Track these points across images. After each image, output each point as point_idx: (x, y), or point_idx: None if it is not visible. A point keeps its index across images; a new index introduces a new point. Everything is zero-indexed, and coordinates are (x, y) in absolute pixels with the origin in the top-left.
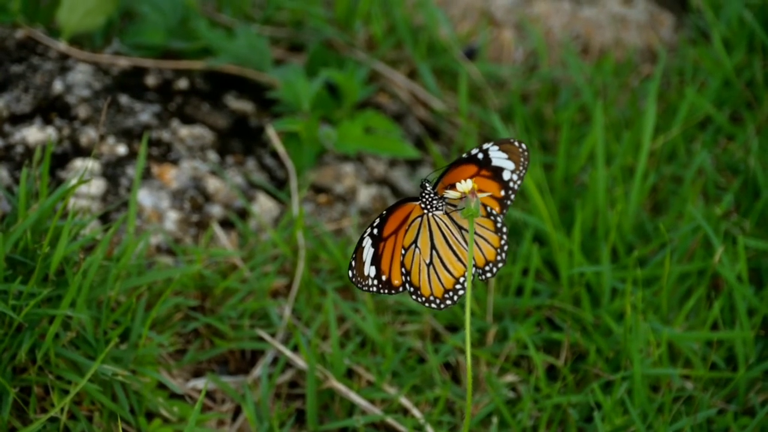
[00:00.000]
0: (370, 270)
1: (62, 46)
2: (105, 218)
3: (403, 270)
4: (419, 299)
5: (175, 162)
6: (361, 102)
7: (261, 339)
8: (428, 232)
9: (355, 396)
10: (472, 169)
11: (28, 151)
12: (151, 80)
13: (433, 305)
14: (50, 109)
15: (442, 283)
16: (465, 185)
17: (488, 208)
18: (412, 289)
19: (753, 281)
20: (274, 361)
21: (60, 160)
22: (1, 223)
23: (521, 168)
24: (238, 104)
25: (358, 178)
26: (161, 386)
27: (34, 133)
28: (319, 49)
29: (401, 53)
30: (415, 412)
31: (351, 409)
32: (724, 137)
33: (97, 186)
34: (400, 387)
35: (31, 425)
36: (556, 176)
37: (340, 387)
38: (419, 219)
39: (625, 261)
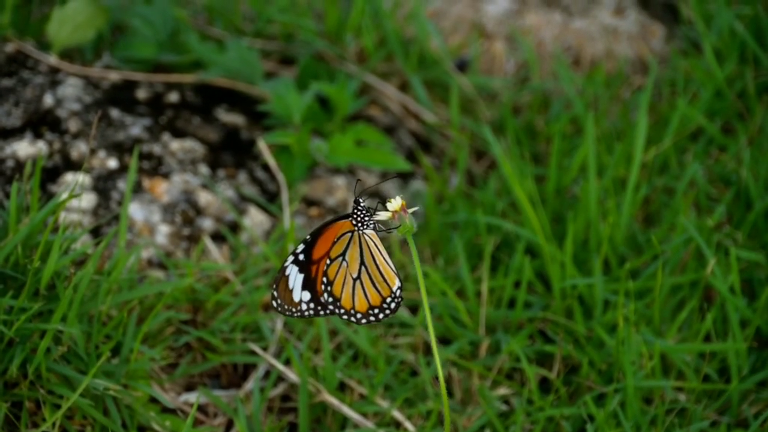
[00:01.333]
0: (302, 295)
1: (53, 59)
2: (96, 232)
3: (324, 279)
4: (338, 311)
5: (166, 175)
6: (353, 115)
7: (253, 353)
8: (358, 248)
9: (348, 409)
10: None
11: (19, 165)
12: (141, 94)
13: (352, 319)
14: (41, 123)
15: (368, 299)
16: (395, 203)
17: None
18: (331, 299)
19: (745, 292)
20: (266, 374)
21: (51, 174)
22: None
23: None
24: (229, 117)
25: (349, 190)
26: (153, 400)
27: (24, 147)
28: (310, 62)
29: (392, 66)
30: (408, 425)
31: (343, 422)
32: (715, 148)
33: (87, 200)
34: (393, 400)
35: None
36: (547, 188)
37: (333, 400)
38: (349, 234)
39: (617, 273)
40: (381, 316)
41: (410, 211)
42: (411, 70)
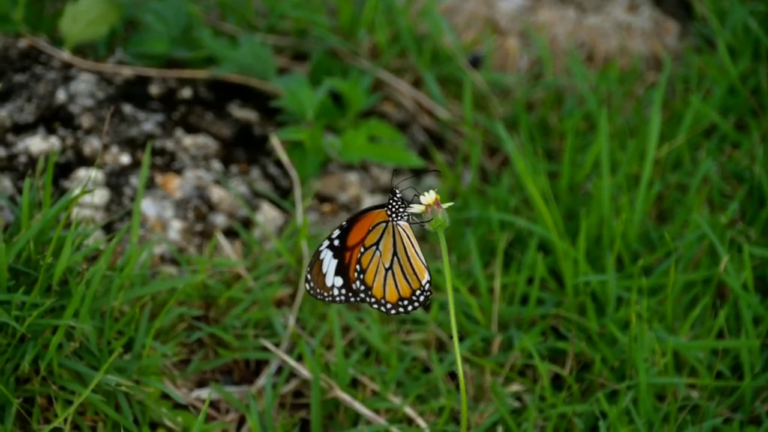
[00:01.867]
0: (334, 280)
1: (65, 55)
2: (108, 228)
3: (357, 267)
4: (368, 299)
5: (178, 171)
6: (366, 111)
7: (265, 349)
8: (392, 239)
9: (360, 406)
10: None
11: (32, 160)
12: (154, 89)
13: (382, 308)
14: (53, 118)
15: (398, 290)
16: (428, 197)
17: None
18: (363, 287)
19: (759, 289)
20: (279, 370)
21: (63, 170)
22: (4, 233)
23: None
24: (242, 113)
25: (362, 187)
26: (165, 396)
27: (37, 143)
28: (323, 58)
29: (405, 62)
30: (420, 422)
31: (356, 418)
32: (729, 145)
33: (100, 196)
34: (405, 396)
35: None
36: (560, 185)
37: (345, 397)
38: (383, 224)
39: (630, 270)
40: (410, 308)
41: (445, 206)
42: (424, 66)
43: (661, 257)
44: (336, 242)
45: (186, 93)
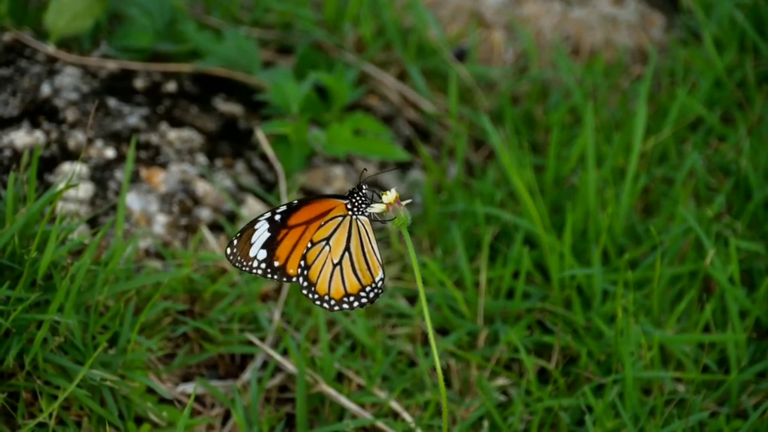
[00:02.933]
0: (258, 253)
1: (50, 49)
2: (93, 222)
3: (302, 263)
4: (311, 296)
5: (163, 165)
6: (351, 104)
7: (250, 343)
8: (346, 234)
9: (345, 400)
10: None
11: (16, 154)
12: (139, 83)
13: (324, 305)
14: (38, 112)
15: (345, 287)
16: (389, 196)
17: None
18: (305, 284)
19: (745, 283)
20: (264, 365)
21: (48, 164)
22: None
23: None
24: (227, 107)
25: (347, 180)
26: (150, 391)
27: (21, 137)
28: (308, 51)
29: (391, 55)
30: (406, 416)
31: (341, 413)
32: (715, 138)
33: (85, 190)
34: (391, 391)
35: (19, 431)
36: (546, 178)
37: (330, 391)
38: (340, 218)
39: (616, 263)
40: (356, 304)
41: (405, 203)
42: (409, 59)
43: (647, 251)
44: (277, 217)
45: (171, 87)
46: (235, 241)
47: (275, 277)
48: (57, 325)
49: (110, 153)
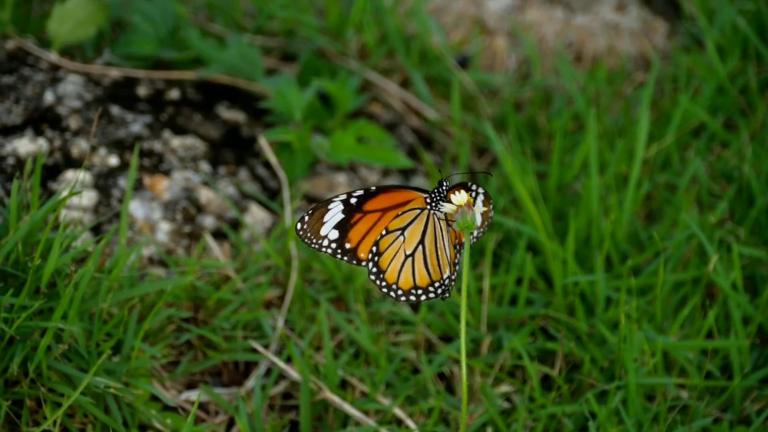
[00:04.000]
0: (330, 232)
1: (53, 56)
2: (97, 230)
3: (374, 249)
4: (379, 282)
5: (167, 173)
6: (354, 111)
7: (254, 350)
8: (422, 227)
9: (349, 407)
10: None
11: (19, 162)
12: (142, 91)
13: (392, 293)
14: (41, 120)
15: (414, 279)
16: (460, 197)
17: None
18: (375, 270)
19: (748, 289)
20: (268, 372)
21: (51, 172)
22: None
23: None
24: (230, 114)
25: (351, 187)
26: (154, 398)
27: (25, 145)
28: (311, 59)
29: (394, 62)
30: (410, 423)
31: (345, 420)
32: (718, 144)
33: (88, 197)
34: (394, 398)
35: None
36: (549, 185)
37: (334, 398)
38: (418, 211)
39: (619, 270)
40: (423, 297)
41: (477, 210)
42: (412, 66)
43: (650, 257)
44: (353, 201)
45: (174, 94)
46: (306, 218)
47: (345, 258)
48: (61, 332)
49: (113, 161)
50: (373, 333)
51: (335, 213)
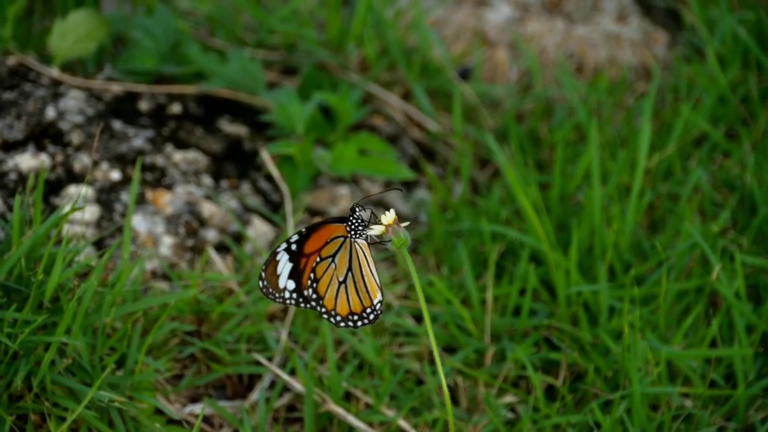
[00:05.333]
0: (287, 283)
1: (54, 72)
2: (99, 244)
3: (311, 276)
4: (319, 308)
5: (169, 187)
6: (355, 124)
7: (258, 363)
8: (348, 254)
9: (354, 419)
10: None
11: (21, 177)
12: (144, 105)
13: (331, 320)
14: (43, 135)
15: (349, 305)
16: (388, 217)
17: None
18: (315, 296)
19: (751, 298)
20: (272, 385)
21: (53, 187)
22: None
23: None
24: (232, 128)
25: (353, 200)
26: (158, 412)
27: (27, 160)
28: (312, 72)
29: (395, 74)
30: None
31: None
32: (719, 154)
33: (91, 212)
34: (399, 409)
35: None
36: (551, 195)
37: (338, 410)
38: (342, 238)
39: (622, 280)
40: (359, 324)
41: (404, 224)
42: (413, 78)
43: (653, 267)
44: (293, 247)
45: (175, 108)
46: (263, 274)
47: (308, 306)
48: (64, 347)
49: (116, 175)
50: (377, 345)
51: (284, 263)
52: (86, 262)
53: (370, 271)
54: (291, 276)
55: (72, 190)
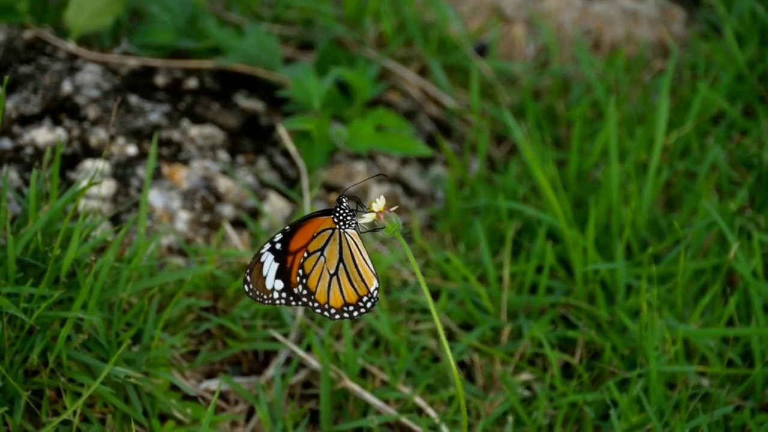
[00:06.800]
0: (275, 284)
1: (71, 46)
2: (116, 219)
3: (300, 272)
4: (311, 303)
5: (185, 162)
6: (372, 100)
7: (274, 339)
8: (338, 246)
9: (370, 396)
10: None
11: (38, 152)
12: (160, 80)
13: (325, 313)
14: (59, 109)
15: (343, 296)
16: (378, 204)
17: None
18: (305, 292)
19: None
20: (287, 361)
21: (70, 161)
22: (11, 225)
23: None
24: (249, 103)
25: (369, 175)
26: (174, 388)
27: (43, 134)
28: (329, 47)
29: (412, 50)
30: (430, 412)
31: (365, 409)
32: (737, 132)
33: (107, 187)
34: (415, 386)
35: (43, 428)
36: (569, 173)
37: (354, 387)
38: (329, 231)
39: (639, 258)
40: (355, 313)
41: (392, 209)
42: (430, 54)
43: (670, 245)
44: (278, 246)
45: (192, 83)
46: (248, 278)
47: (299, 303)
48: (81, 322)
49: (132, 150)
50: (393, 322)
51: (269, 264)
52: (103, 237)
53: (364, 259)
54: (278, 276)
55: (88, 164)
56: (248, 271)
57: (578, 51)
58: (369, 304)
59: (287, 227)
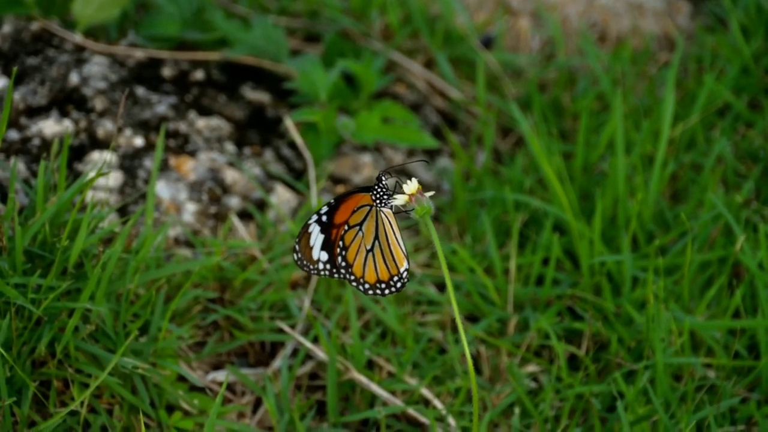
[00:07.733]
0: (320, 255)
1: (78, 38)
2: (123, 211)
3: (340, 243)
4: (348, 276)
5: (192, 154)
6: (378, 92)
7: (281, 331)
8: (374, 223)
9: (376, 387)
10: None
11: (45, 143)
12: (167, 72)
13: (360, 287)
14: (67, 101)
15: (377, 273)
16: (411, 186)
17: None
18: (344, 264)
19: None
20: (294, 352)
21: (77, 153)
22: (19, 216)
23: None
24: (255, 95)
25: (376, 168)
26: (181, 379)
27: (50, 126)
28: (336, 39)
29: (418, 43)
30: (437, 403)
31: (372, 400)
32: (743, 124)
33: (114, 178)
34: (421, 378)
35: (51, 419)
36: (575, 165)
37: (361, 378)
38: (367, 207)
39: (645, 250)
40: (387, 291)
41: (429, 193)
42: (436, 47)
43: (676, 237)
44: (324, 218)
45: (198, 75)
46: (297, 246)
47: (341, 276)
48: (88, 313)
49: (139, 141)
50: (400, 313)
51: (316, 235)
52: (110, 228)
53: (396, 239)
54: (324, 247)
55: (95, 156)
56: (297, 240)
57: (584, 43)
58: (399, 284)
59: (332, 200)
